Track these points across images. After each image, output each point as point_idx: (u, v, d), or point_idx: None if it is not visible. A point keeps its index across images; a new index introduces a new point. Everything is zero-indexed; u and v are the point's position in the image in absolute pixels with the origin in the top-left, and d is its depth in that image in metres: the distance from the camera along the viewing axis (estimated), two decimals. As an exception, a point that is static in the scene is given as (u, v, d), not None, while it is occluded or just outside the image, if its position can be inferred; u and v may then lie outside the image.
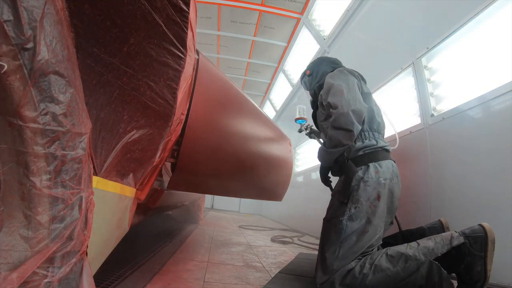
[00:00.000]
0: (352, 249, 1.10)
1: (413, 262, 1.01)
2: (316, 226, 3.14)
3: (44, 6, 0.45)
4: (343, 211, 1.18)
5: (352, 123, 1.17)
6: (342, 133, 1.19)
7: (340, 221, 1.17)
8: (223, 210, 7.29)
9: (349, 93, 1.25)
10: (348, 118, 1.18)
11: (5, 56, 0.41)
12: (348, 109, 1.18)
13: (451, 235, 1.05)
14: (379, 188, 1.17)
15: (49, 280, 0.48)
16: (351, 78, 1.35)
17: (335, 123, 1.20)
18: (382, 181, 1.18)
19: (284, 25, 4.19)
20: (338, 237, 1.14)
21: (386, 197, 1.19)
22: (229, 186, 1.54)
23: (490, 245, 0.99)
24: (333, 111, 1.22)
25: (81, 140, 0.53)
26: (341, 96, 1.24)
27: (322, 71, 1.57)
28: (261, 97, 6.74)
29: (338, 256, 1.11)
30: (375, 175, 1.19)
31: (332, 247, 1.15)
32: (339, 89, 1.27)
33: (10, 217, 0.46)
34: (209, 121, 1.21)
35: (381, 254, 1.07)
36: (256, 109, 1.70)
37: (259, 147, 1.61)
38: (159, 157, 0.88)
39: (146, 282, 1.06)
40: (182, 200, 2.61)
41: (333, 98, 1.26)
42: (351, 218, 1.15)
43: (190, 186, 1.34)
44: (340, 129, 1.19)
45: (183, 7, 0.76)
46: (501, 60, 1.26)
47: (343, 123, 1.18)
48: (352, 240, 1.12)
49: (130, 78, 0.75)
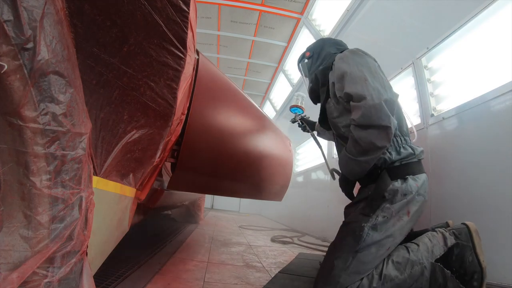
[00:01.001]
0: (366, 264, 0.95)
1: (418, 266, 0.96)
2: (316, 226, 3.14)
3: (44, 6, 0.45)
4: (368, 217, 1.00)
5: (388, 117, 0.91)
6: (375, 132, 0.93)
7: (362, 227, 0.98)
8: (223, 210, 7.28)
9: (374, 79, 0.99)
10: (382, 110, 0.91)
11: (5, 56, 0.41)
12: (380, 99, 0.92)
13: (443, 235, 1.06)
14: (412, 204, 1.01)
15: (49, 280, 0.48)
16: (370, 60, 1.09)
17: (364, 120, 0.93)
18: (417, 198, 1.02)
19: (284, 25, 4.18)
20: (355, 245, 0.97)
21: (415, 216, 1.04)
22: (229, 186, 1.54)
23: (475, 234, 1.01)
24: (357, 104, 0.95)
25: (81, 140, 0.53)
26: (365, 83, 0.97)
27: (326, 53, 1.31)
28: (261, 97, 6.74)
29: (349, 267, 0.94)
30: (415, 188, 1.01)
31: (344, 254, 0.97)
32: (359, 75, 1.00)
33: (10, 217, 0.46)
34: (209, 121, 1.21)
35: (386, 261, 0.98)
36: (256, 109, 1.70)
37: (259, 147, 1.61)
38: (159, 157, 0.88)
39: (146, 282, 1.06)
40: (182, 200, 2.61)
41: (354, 87, 0.98)
42: (375, 227, 0.98)
43: (190, 186, 1.34)
44: (371, 127, 0.93)
45: (183, 7, 0.76)
46: (501, 60, 1.26)
47: (375, 118, 0.91)
48: (369, 252, 0.95)
49: (130, 78, 0.75)
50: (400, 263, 0.96)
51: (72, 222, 0.51)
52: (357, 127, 0.96)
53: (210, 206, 7.49)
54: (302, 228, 3.54)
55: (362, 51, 1.15)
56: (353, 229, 1.01)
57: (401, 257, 0.98)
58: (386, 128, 0.92)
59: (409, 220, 1.01)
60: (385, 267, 0.95)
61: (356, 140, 0.97)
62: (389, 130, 0.92)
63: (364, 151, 0.97)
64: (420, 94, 1.72)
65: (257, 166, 1.57)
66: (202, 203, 3.51)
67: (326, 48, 1.34)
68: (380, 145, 0.94)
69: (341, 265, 0.95)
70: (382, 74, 1.06)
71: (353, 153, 1.01)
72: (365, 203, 1.04)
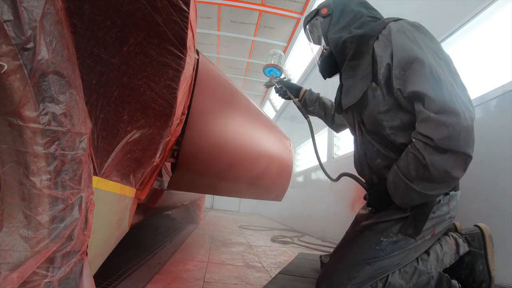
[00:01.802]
0: (374, 277, 0.87)
1: (425, 276, 0.89)
2: (316, 226, 3.14)
3: (44, 6, 0.45)
4: (389, 233, 0.87)
5: (473, 143, 0.74)
6: (452, 159, 0.74)
7: (380, 241, 0.88)
8: (223, 210, 7.29)
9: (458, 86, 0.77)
10: (471, 134, 0.73)
11: (5, 56, 0.41)
12: (472, 119, 0.73)
13: (456, 241, 0.98)
14: (441, 224, 0.89)
15: (49, 280, 0.48)
16: (442, 47, 0.85)
17: (448, 143, 0.72)
18: (448, 218, 0.89)
19: (284, 25, 4.19)
20: (367, 256, 0.87)
21: (438, 236, 0.93)
22: (229, 186, 1.54)
23: (488, 241, 0.95)
24: (441, 119, 0.72)
25: (81, 140, 0.53)
26: (452, 88, 0.74)
27: (356, 12, 1.02)
28: (261, 97, 6.74)
29: (356, 278, 0.86)
30: (445, 209, 0.88)
31: (353, 263, 0.89)
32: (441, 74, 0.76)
33: (10, 217, 0.46)
34: (209, 121, 1.21)
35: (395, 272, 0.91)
36: (256, 109, 1.70)
37: (259, 147, 1.61)
38: (159, 157, 0.88)
39: (146, 282, 1.06)
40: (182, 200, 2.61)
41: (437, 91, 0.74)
42: (395, 243, 0.86)
43: (190, 186, 1.34)
44: (451, 152, 0.73)
45: (183, 7, 0.76)
46: (501, 60, 1.26)
47: (462, 143, 0.72)
48: (379, 266, 0.87)
49: (130, 78, 0.75)
50: (407, 272, 0.89)
51: (72, 222, 0.51)
52: (433, 148, 0.74)
53: (210, 206, 7.49)
54: (302, 228, 3.54)
55: (424, 27, 0.87)
56: (369, 239, 0.90)
57: (408, 267, 0.90)
58: (467, 158, 0.74)
59: (430, 239, 0.90)
60: (391, 276, 0.88)
61: (426, 165, 0.75)
62: (469, 160, 0.75)
63: (433, 179, 0.77)
64: (420, 94, 1.72)
65: (257, 166, 1.57)
66: (202, 203, 3.51)
67: (352, 6, 1.03)
68: (456, 176, 0.76)
69: (347, 273, 0.87)
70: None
71: (414, 178, 0.79)
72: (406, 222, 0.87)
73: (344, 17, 1.03)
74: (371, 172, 1.01)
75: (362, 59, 0.95)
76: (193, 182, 1.30)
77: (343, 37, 1.00)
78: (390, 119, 0.89)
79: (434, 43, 0.84)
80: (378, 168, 0.97)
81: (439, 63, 0.79)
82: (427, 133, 0.75)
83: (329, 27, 1.06)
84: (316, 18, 1.13)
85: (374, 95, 0.91)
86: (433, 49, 0.81)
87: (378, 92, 0.90)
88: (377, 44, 0.90)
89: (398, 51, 0.83)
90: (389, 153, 0.92)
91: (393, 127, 0.90)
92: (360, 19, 1.00)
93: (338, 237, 1.70)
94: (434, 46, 0.82)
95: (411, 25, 0.87)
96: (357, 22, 1.00)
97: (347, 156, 2.77)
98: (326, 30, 1.07)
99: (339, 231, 2.20)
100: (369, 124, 0.97)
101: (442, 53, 0.82)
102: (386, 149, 0.93)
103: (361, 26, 0.98)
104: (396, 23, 0.89)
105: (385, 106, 0.89)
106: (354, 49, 0.97)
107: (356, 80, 0.97)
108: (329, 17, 1.07)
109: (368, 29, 0.95)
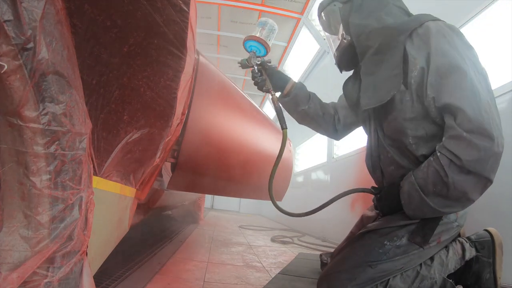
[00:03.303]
0: (375, 279, 0.85)
1: (428, 281, 0.86)
2: (316, 226, 3.14)
3: (44, 6, 0.45)
4: (393, 236, 0.86)
5: (497, 169, 0.73)
6: (474, 181, 0.72)
7: (384, 245, 0.86)
8: (223, 210, 7.29)
9: (494, 106, 0.74)
10: (498, 162, 0.72)
11: (5, 56, 0.41)
12: (503, 146, 0.71)
13: (462, 246, 0.95)
14: (448, 232, 0.87)
15: (49, 280, 0.48)
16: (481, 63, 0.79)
17: (475, 166, 0.71)
18: (455, 226, 0.87)
19: (284, 25, 4.19)
20: (370, 259, 0.86)
21: (444, 244, 0.90)
22: (228, 186, 1.54)
23: (498, 249, 0.92)
24: (473, 141, 0.70)
25: (81, 140, 0.53)
26: (490, 110, 0.71)
27: (381, 3, 0.93)
28: (261, 97, 6.74)
29: (356, 279, 0.85)
30: (453, 217, 0.86)
31: (354, 265, 0.88)
32: (482, 92, 0.72)
33: (10, 217, 0.46)
34: (209, 121, 1.21)
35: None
36: (256, 109, 1.70)
37: (259, 147, 1.61)
38: (159, 157, 0.88)
39: (146, 282, 1.06)
40: (182, 200, 2.61)
41: (475, 109, 0.70)
42: (399, 247, 0.85)
43: (190, 186, 1.34)
44: (476, 175, 0.72)
45: (183, 7, 0.76)
46: (501, 60, 1.26)
47: (489, 169, 0.71)
48: (381, 269, 0.85)
49: (130, 78, 0.75)
50: (409, 276, 0.87)
51: (72, 222, 0.51)
52: (459, 168, 0.72)
53: (210, 206, 7.49)
54: (302, 228, 3.54)
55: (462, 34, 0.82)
56: (373, 242, 0.89)
57: (410, 271, 0.88)
58: (487, 182, 0.73)
59: (435, 246, 0.88)
60: (392, 279, 0.86)
61: (447, 183, 0.73)
62: (489, 184, 0.73)
63: (449, 197, 0.75)
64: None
65: (256, 166, 1.57)
66: (202, 203, 3.51)
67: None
68: (473, 199, 0.75)
69: (350, 275, 0.86)
70: None
71: (430, 193, 0.77)
72: (414, 229, 0.85)
73: (368, 2, 0.94)
74: (382, 176, 0.98)
75: (389, 56, 0.85)
76: (193, 182, 1.30)
77: (370, 25, 0.90)
78: (415, 127, 0.83)
79: (472, 53, 0.79)
80: (391, 175, 0.93)
81: (478, 77, 0.74)
82: (456, 152, 0.71)
83: (350, 14, 0.96)
84: (334, 4, 1.01)
85: (402, 100, 0.84)
86: (472, 60, 0.77)
87: (407, 97, 0.83)
88: (409, 42, 0.82)
89: (437, 56, 0.76)
90: (404, 162, 0.88)
91: (416, 137, 0.84)
92: (386, 7, 0.92)
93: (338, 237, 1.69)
94: (473, 57, 0.78)
95: (451, 29, 0.81)
96: (383, 10, 0.91)
97: (347, 156, 2.77)
98: (347, 16, 0.96)
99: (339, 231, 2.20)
100: (390, 130, 0.90)
101: (480, 66, 0.77)
102: (402, 158, 0.88)
103: (389, 16, 0.90)
104: (435, 24, 0.82)
105: (412, 113, 0.82)
106: (381, 42, 0.88)
107: (380, 78, 0.87)
108: (349, 2, 0.97)
109: (400, 23, 0.87)
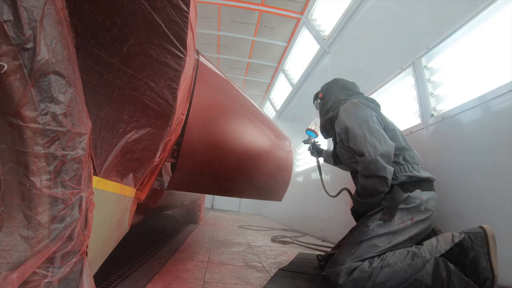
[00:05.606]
0: (368, 252, 1.09)
1: (419, 259, 1.02)
2: (316, 226, 3.14)
3: (44, 6, 0.45)
4: (373, 219, 1.17)
5: (383, 168, 1.12)
6: (376, 180, 1.15)
7: (368, 226, 1.16)
8: (223, 210, 7.28)
9: (372, 135, 1.18)
10: (378, 164, 1.12)
11: (5, 56, 0.41)
12: (375, 155, 1.13)
13: (452, 234, 1.06)
14: (417, 214, 1.13)
15: (49, 280, 0.48)
16: (369, 112, 1.26)
17: (365, 172, 1.16)
18: (422, 210, 1.14)
19: (284, 25, 4.19)
20: (361, 237, 1.14)
21: (421, 225, 1.13)
22: (229, 186, 1.54)
23: (491, 241, 0.99)
24: (359, 159, 1.18)
25: (81, 140, 0.53)
26: (364, 139, 1.18)
27: (334, 99, 1.49)
28: (261, 97, 6.74)
29: (354, 253, 1.10)
30: (418, 201, 1.14)
31: (351, 244, 1.15)
32: (359, 132, 1.20)
33: (10, 217, 0.46)
34: (209, 121, 1.21)
35: (388, 251, 1.09)
36: (256, 109, 1.70)
37: (259, 147, 1.61)
38: (159, 157, 0.88)
39: (146, 282, 1.06)
40: (182, 200, 2.61)
41: (355, 144, 1.21)
42: (380, 225, 1.14)
43: (190, 186, 1.34)
44: (371, 177, 1.15)
45: (183, 7, 0.76)
46: (501, 60, 1.26)
47: (373, 170, 1.13)
48: (372, 242, 1.11)
49: (130, 78, 0.75)
50: (401, 254, 1.06)
51: (72, 222, 0.51)
52: (362, 176, 1.19)
53: (210, 206, 7.49)
54: (302, 228, 3.54)
55: (363, 102, 1.31)
56: (360, 227, 1.19)
57: (402, 250, 1.08)
58: (383, 178, 1.13)
59: (412, 224, 1.12)
60: (386, 254, 1.07)
61: (363, 187, 1.20)
62: (386, 179, 1.14)
63: (370, 194, 1.20)
64: (420, 94, 1.72)
65: (257, 166, 1.57)
66: (202, 203, 3.51)
67: (336, 92, 1.53)
68: (381, 190, 1.16)
69: (348, 251, 1.12)
70: (379, 126, 1.23)
71: (362, 196, 1.24)
72: (383, 212, 1.18)
73: (329, 102, 1.52)
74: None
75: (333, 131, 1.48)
76: (193, 182, 1.30)
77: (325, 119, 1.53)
78: (353, 160, 1.31)
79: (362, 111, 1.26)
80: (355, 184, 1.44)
81: (360, 125, 1.22)
82: (358, 168, 1.21)
83: (322, 107, 1.58)
84: (317, 99, 1.63)
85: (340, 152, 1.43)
86: (359, 116, 1.25)
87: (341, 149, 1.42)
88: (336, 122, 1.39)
89: (341, 123, 1.31)
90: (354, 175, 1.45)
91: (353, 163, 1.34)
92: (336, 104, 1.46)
93: (338, 237, 1.69)
94: (361, 114, 1.25)
95: (351, 104, 1.32)
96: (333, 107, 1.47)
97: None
98: (321, 108, 1.59)
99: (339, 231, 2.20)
100: (348, 167, 1.48)
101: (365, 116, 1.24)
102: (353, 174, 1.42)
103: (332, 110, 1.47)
104: (344, 105, 1.35)
105: (347, 155, 1.37)
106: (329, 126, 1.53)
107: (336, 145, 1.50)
108: (323, 99, 1.59)
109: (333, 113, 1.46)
